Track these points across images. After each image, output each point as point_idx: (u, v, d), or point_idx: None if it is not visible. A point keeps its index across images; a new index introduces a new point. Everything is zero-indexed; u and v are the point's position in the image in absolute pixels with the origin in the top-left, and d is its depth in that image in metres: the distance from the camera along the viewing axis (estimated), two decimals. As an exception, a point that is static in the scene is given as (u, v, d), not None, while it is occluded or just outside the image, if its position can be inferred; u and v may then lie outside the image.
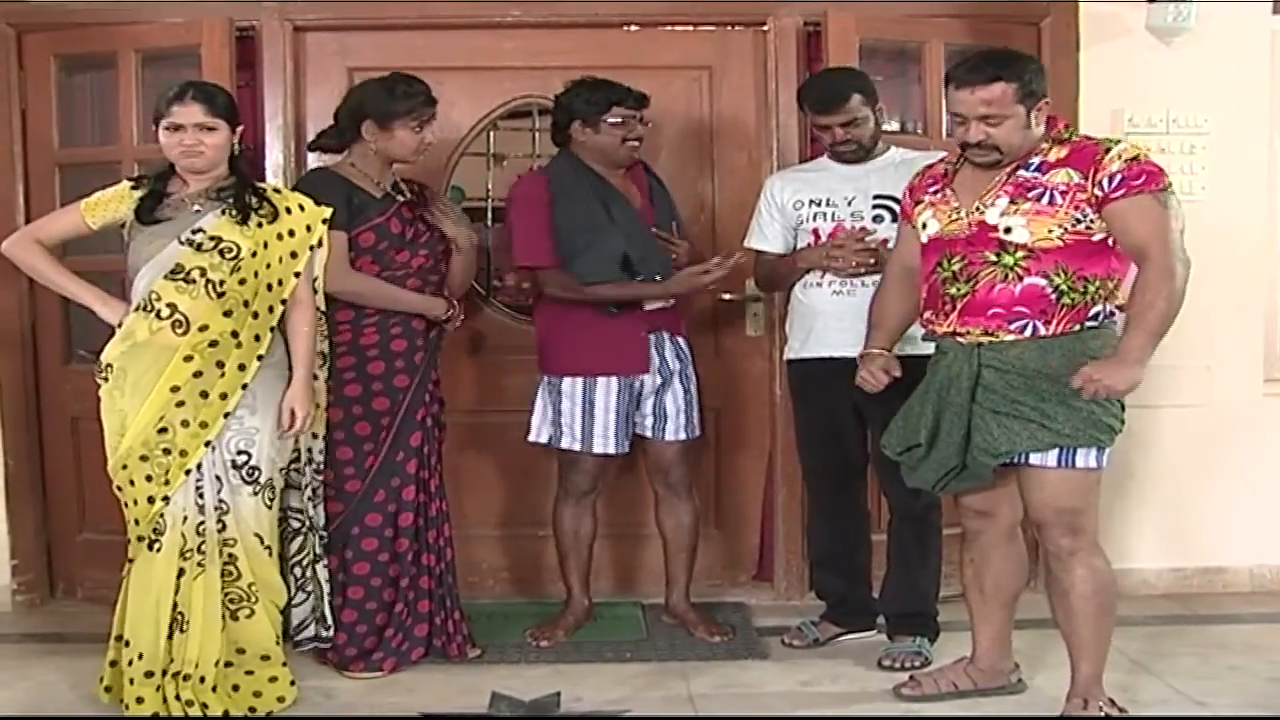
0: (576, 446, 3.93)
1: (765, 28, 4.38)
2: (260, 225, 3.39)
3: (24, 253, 3.47)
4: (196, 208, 3.37)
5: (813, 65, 4.28)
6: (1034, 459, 3.14)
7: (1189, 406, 4.42)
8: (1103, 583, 3.21)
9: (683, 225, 4.16)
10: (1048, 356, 3.11)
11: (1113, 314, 3.16)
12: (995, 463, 3.18)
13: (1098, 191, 3.05)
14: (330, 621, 3.71)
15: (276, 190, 3.55)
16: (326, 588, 3.71)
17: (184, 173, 3.39)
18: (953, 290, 3.20)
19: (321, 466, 3.69)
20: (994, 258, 3.14)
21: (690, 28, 4.47)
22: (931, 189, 3.32)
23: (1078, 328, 3.10)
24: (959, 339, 3.21)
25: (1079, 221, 3.08)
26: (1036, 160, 3.15)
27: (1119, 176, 3.04)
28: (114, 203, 3.40)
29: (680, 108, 4.41)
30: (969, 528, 3.43)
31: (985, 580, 3.42)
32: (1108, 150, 3.08)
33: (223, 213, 3.36)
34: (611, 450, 3.95)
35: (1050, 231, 3.08)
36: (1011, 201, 3.12)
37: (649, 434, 4.01)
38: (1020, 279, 3.11)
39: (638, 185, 4.03)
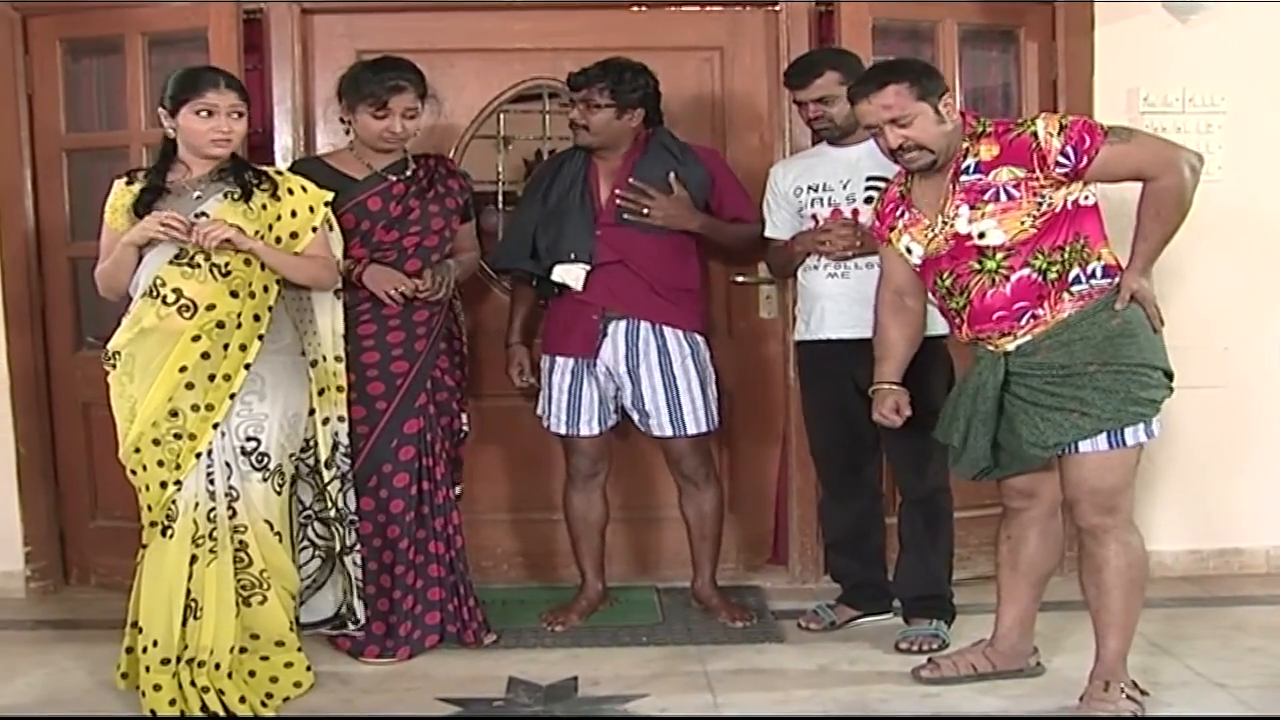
0: (545, 423, 4.04)
1: (777, 8, 4.35)
2: (265, 207, 3.38)
3: (107, 269, 3.38)
4: (197, 193, 3.36)
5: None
6: (1084, 446, 3.13)
7: (1206, 388, 4.37)
8: (1135, 559, 3.20)
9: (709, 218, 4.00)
10: (1072, 350, 3.12)
11: (1096, 274, 3.14)
12: (1046, 454, 3.18)
13: (1061, 171, 3.09)
14: (360, 616, 3.71)
15: (278, 172, 3.55)
16: (357, 575, 3.71)
17: (201, 157, 3.37)
18: (953, 304, 3.26)
19: (348, 450, 3.68)
20: (978, 265, 3.18)
21: (700, 8, 4.44)
22: (897, 213, 3.36)
23: (1066, 295, 3.12)
24: (984, 344, 3.24)
25: (1041, 204, 3.11)
26: (971, 162, 3.18)
27: (1070, 149, 3.08)
28: (121, 200, 3.38)
29: (691, 89, 4.38)
30: (1010, 506, 3.43)
31: (1020, 557, 3.42)
32: (1035, 134, 3.11)
33: (225, 196, 3.35)
34: (563, 430, 3.99)
35: (1022, 224, 3.11)
36: (972, 208, 3.16)
37: (640, 427, 4.00)
38: (1007, 278, 3.14)
39: (623, 175, 3.93)
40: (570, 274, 3.87)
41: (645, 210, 3.86)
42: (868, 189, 3.77)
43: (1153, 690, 3.30)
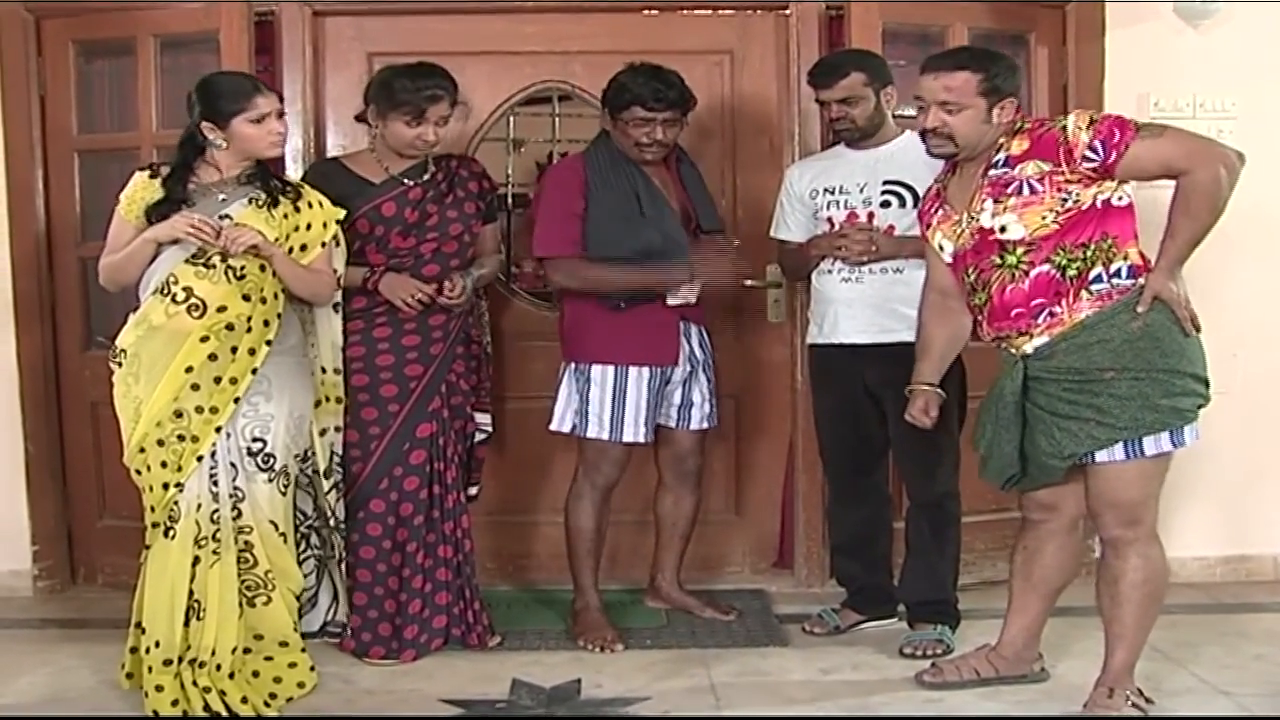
0: (605, 435, 3.87)
1: (787, 11, 4.36)
2: (286, 216, 3.41)
3: (117, 262, 3.39)
4: (222, 196, 3.38)
5: (834, 50, 4.25)
6: (1101, 456, 3.10)
7: (1214, 394, 4.33)
8: (1154, 572, 3.17)
9: (723, 229, 4.10)
10: (1089, 354, 3.08)
11: (1121, 274, 3.10)
12: (1065, 465, 3.16)
13: (1088, 166, 3.04)
14: (344, 619, 3.77)
15: (299, 183, 3.57)
16: (341, 586, 3.77)
17: (258, 158, 3.41)
18: (976, 301, 3.25)
19: (342, 460, 3.73)
20: (999, 260, 3.16)
21: (711, 11, 4.44)
22: (933, 210, 3.35)
23: (1085, 294, 3.08)
24: (1008, 346, 3.22)
25: (1065, 200, 3.08)
26: (1001, 156, 3.16)
27: (1099, 144, 3.04)
28: (141, 193, 3.38)
29: (701, 93, 4.31)
30: (1030, 518, 3.40)
31: (1034, 570, 3.39)
32: (1064, 128, 3.08)
33: (250, 201, 3.38)
34: (641, 439, 3.89)
35: (1044, 219, 3.08)
36: (996, 201, 3.14)
37: (672, 424, 4.00)
38: (1027, 274, 3.12)
39: (676, 183, 3.96)
40: (695, 288, 3.87)
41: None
42: (884, 193, 3.77)
43: (1156, 697, 3.29)
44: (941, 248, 3.30)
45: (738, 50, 4.44)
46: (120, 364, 3.35)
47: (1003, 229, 3.12)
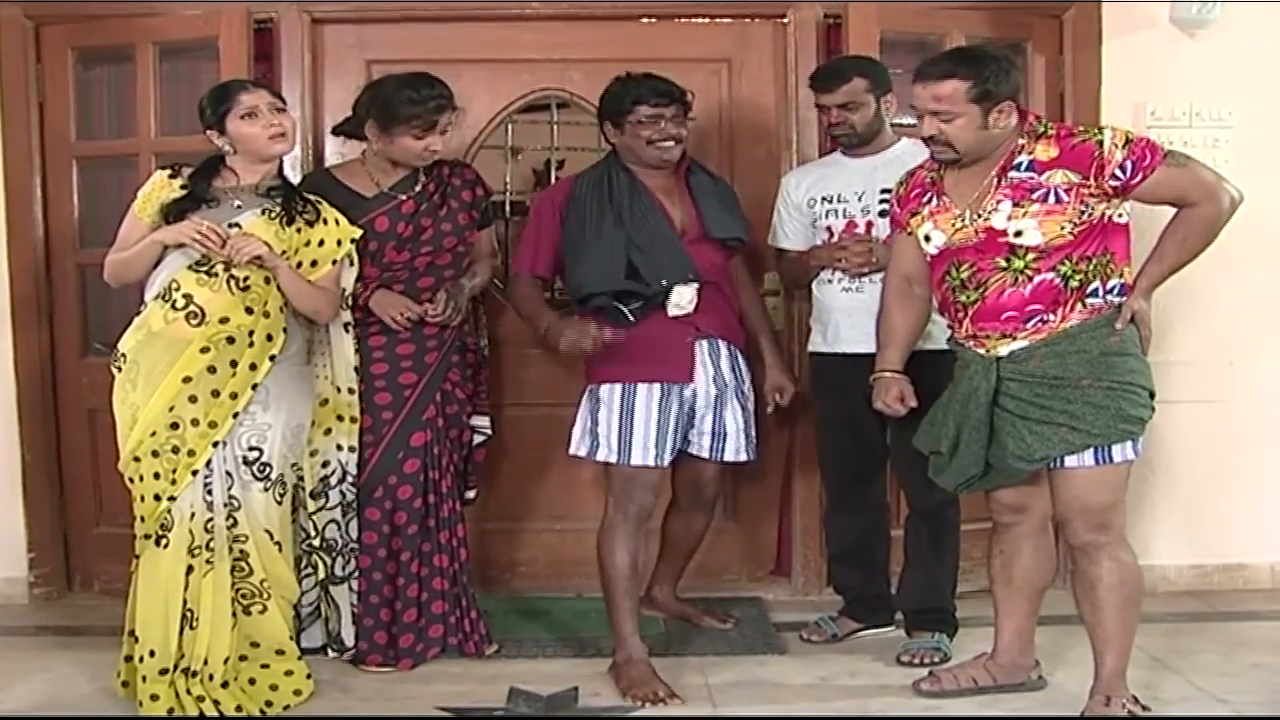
0: (613, 458, 3.65)
1: (785, 20, 4.37)
2: (299, 230, 3.40)
3: (125, 259, 3.39)
4: (238, 203, 3.38)
5: (832, 58, 4.25)
6: (1070, 461, 3.13)
7: (1211, 402, 4.39)
8: (1129, 575, 3.20)
9: (746, 238, 3.93)
10: (1066, 362, 3.11)
11: (1114, 290, 3.13)
12: (1031, 468, 3.18)
13: (1113, 183, 3.07)
14: (348, 643, 3.75)
15: (319, 201, 3.54)
16: (345, 610, 3.75)
17: (264, 161, 3.41)
18: (963, 298, 3.22)
19: (354, 481, 3.71)
20: (1004, 263, 3.15)
21: (709, 20, 4.45)
22: (923, 198, 3.32)
23: (1080, 306, 3.11)
24: (978, 346, 3.21)
25: (1083, 213, 3.09)
26: (1025, 159, 3.14)
27: (1129, 164, 3.06)
28: (157, 192, 3.38)
29: (699, 100, 4.32)
30: (1000, 521, 3.41)
31: (1013, 572, 3.41)
32: (1100, 142, 3.09)
33: (263, 212, 3.37)
34: (650, 462, 3.64)
35: (1062, 229, 3.09)
36: (1016, 205, 3.12)
37: (705, 454, 3.83)
38: (1030, 279, 3.13)
39: (682, 192, 3.83)
40: (686, 295, 3.66)
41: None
42: (882, 201, 3.76)
43: (1154, 705, 3.29)
44: (929, 238, 3.28)
45: (736, 58, 4.45)
46: (120, 369, 3.35)
47: (1018, 233, 3.11)
